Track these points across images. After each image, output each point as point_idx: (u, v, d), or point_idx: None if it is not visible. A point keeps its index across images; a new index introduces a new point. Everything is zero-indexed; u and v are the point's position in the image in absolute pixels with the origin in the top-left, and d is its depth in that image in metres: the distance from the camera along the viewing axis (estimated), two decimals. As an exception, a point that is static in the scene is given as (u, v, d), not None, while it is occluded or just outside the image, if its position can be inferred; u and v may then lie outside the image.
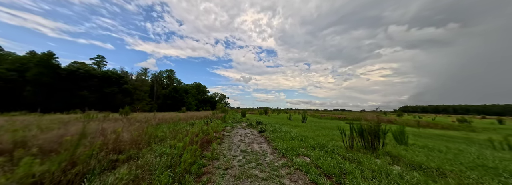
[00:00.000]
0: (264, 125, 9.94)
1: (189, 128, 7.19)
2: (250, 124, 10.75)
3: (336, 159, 3.24)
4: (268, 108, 28.65)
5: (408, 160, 3.11)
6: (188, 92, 61.59)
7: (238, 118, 17.19)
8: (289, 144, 4.54)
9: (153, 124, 8.01)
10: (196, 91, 75.35)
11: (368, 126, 3.83)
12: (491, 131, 10.19)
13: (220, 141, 5.62)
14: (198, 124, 9.32)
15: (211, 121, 9.88)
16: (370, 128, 3.75)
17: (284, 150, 4.10)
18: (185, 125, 8.55)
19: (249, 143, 5.59)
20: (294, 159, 3.41)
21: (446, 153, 3.88)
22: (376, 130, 3.69)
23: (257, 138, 6.45)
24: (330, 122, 13.49)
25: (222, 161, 3.45)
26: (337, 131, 7.67)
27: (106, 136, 3.44)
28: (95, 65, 39.87)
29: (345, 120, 15.51)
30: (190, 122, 9.60)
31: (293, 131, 6.89)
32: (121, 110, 13.45)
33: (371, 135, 3.73)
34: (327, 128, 8.97)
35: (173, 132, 5.77)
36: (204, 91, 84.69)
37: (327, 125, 10.68)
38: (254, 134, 7.51)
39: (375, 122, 3.78)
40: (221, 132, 7.30)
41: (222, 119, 12.34)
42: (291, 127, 8.83)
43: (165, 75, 62.89)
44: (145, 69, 55.92)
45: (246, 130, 8.85)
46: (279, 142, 4.93)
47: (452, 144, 5.42)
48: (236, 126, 10.17)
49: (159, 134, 5.24)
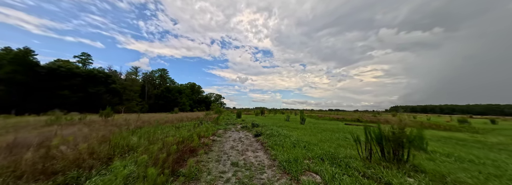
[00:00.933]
0: (260, 127, 9.10)
1: (174, 133, 6.21)
2: (245, 127, 9.88)
3: (355, 178, 2.46)
4: (264, 109, 27.86)
5: (452, 180, 2.36)
6: (182, 92, 59.62)
7: (233, 119, 16.24)
8: (291, 154, 3.72)
9: (132, 128, 6.94)
10: (191, 91, 73.32)
11: (390, 131, 3.08)
12: (492, 132, 9.95)
13: (208, 149, 4.70)
14: (187, 126, 8.33)
15: (202, 124, 8.90)
16: (393, 134, 3.01)
17: (285, 162, 3.27)
18: (171, 128, 7.54)
19: (242, 151, 4.72)
20: (301, 178, 2.59)
21: (482, 165, 3.22)
22: (401, 136, 2.94)
23: (253, 144, 5.59)
24: (329, 123, 12.90)
25: (203, 182, 2.56)
26: (340, 134, 6.97)
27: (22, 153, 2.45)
28: (80, 63, 37.32)
29: (344, 121, 15.02)
30: (177, 125, 8.57)
31: (293, 135, 6.09)
32: (102, 112, 12.12)
33: (394, 143, 2.98)
34: (328, 130, 8.28)
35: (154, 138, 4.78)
36: (199, 91, 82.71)
37: (327, 127, 10.02)
38: (249, 138, 6.65)
39: (399, 126, 3.03)
40: (211, 137, 6.37)
41: (215, 121, 11.37)
42: (290, 130, 8.06)
43: (158, 74, 60.54)
44: (136, 68, 53.45)
45: (241, 133, 7.97)
46: (279, 151, 4.11)
47: (471, 149, 4.84)
48: (229, 129, 9.26)
49: (131, 142, 4.25)
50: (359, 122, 14.13)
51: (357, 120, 14.31)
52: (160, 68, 61.18)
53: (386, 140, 3.11)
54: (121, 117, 12.27)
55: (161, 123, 9.19)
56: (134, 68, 52.98)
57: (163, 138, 4.55)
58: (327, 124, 11.76)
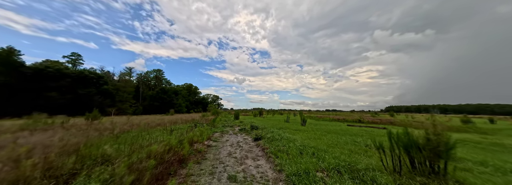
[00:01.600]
0: (260, 130, 8.48)
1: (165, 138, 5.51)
2: (244, 129, 9.23)
3: (390, 200, 1.87)
4: (262, 110, 27.26)
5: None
6: (178, 93, 58.30)
7: (231, 121, 15.55)
8: (300, 164, 3.12)
9: (117, 132, 6.18)
10: (187, 92, 71.99)
11: (423, 137, 2.52)
12: (499, 132, 9.68)
13: (201, 158, 4.04)
14: (181, 130, 7.61)
15: (196, 127, 8.19)
16: (428, 141, 2.45)
17: (295, 176, 2.67)
18: (162, 132, 6.81)
19: (241, 159, 4.08)
20: (319, 200, 1.98)
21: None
22: (439, 143, 2.39)
23: (252, 150, 4.96)
24: (330, 124, 12.40)
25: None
26: (346, 137, 6.43)
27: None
28: (69, 63, 35.76)
29: (345, 122, 14.57)
30: (170, 128, 7.83)
31: (297, 139, 5.50)
32: (88, 115, 11.22)
33: (429, 152, 2.42)
34: (332, 132, 7.74)
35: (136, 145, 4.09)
36: (196, 92, 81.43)
37: (330, 128, 9.50)
38: (248, 142, 6.01)
39: (434, 131, 2.48)
40: (206, 142, 5.69)
41: (211, 123, 10.67)
42: (292, 132, 7.47)
43: (153, 75, 59.06)
44: (130, 68, 51.93)
45: (239, 136, 7.32)
46: (284, 159, 3.50)
47: (500, 155, 4.37)
48: (227, 132, 8.59)
49: (107, 151, 3.54)
50: (360, 122, 13.73)
51: (358, 121, 13.93)
52: (155, 69, 59.76)
53: (417, 148, 2.55)
54: (110, 120, 11.39)
55: (152, 126, 8.43)
56: (128, 69, 51.47)
57: (149, 145, 3.86)
58: (329, 126, 11.25)
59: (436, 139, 2.42)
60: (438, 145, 2.39)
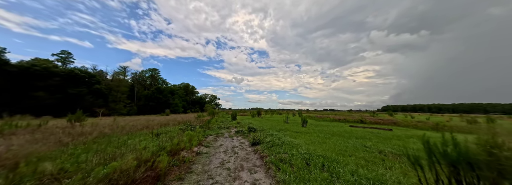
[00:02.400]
0: (258, 132, 7.79)
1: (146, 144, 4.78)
2: (241, 131, 8.52)
3: None
4: (261, 110, 26.57)
5: None
6: (174, 93, 57.05)
7: (227, 122, 14.80)
8: (310, 183, 2.43)
9: (93, 137, 5.38)
10: (184, 92, 70.71)
11: (478, 148, 1.86)
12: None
13: (186, 170, 3.32)
14: (171, 133, 6.85)
15: (188, 129, 7.43)
16: (490, 154, 1.79)
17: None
18: (147, 137, 6.04)
19: (235, 170, 3.38)
20: None
21: None
22: (498, 157, 1.73)
23: (249, 158, 4.26)
24: (332, 125, 11.82)
25: None
26: (353, 140, 5.80)
27: None
28: (59, 62, 34.24)
29: (346, 122, 14.01)
30: (158, 131, 7.05)
31: (299, 144, 4.84)
32: (70, 116, 10.28)
33: (491, 172, 1.77)
34: (336, 135, 7.11)
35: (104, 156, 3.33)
36: (193, 92, 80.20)
37: (333, 130, 8.88)
38: (245, 148, 5.32)
39: (494, 140, 1.82)
40: (195, 148, 4.97)
41: (205, 125, 9.92)
42: (293, 135, 6.81)
43: (148, 74, 57.59)
44: (124, 67, 50.39)
45: (235, 140, 6.62)
46: (288, 174, 2.81)
47: None
48: (222, 134, 7.87)
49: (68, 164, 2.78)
50: (362, 123, 13.21)
51: (360, 122, 13.40)
52: (150, 68, 58.30)
53: (468, 165, 1.89)
54: (96, 122, 10.50)
55: (139, 128, 7.62)
56: (122, 68, 49.93)
57: (119, 156, 3.11)
58: (331, 127, 10.65)
59: (499, 152, 1.76)
60: (496, 160, 1.73)
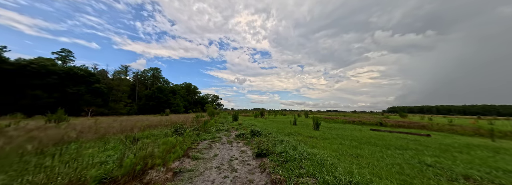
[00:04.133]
0: (263, 136, 6.29)
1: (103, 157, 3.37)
2: (242, 135, 7.05)
3: None
4: (263, 110, 25.06)
5: None
6: (176, 92, 56.17)
7: (228, 123, 13.36)
8: None
9: (56, 143, 4.01)
10: (186, 92, 69.97)
11: None
12: None
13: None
14: (156, 137, 5.44)
15: (178, 132, 6.01)
16: None
17: None
18: (116, 145, 4.65)
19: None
20: None
21: None
22: None
23: (254, 179, 2.77)
24: (348, 128, 10.19)
25: None
26: (395, 152, 4.23)
27: None
28: (59, 60, 33.76)
29: (362, 124, 12.25)
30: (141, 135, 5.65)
31: (326, 158, 3.32)
32: (50, 116, 9.07)
33: None
34: (365, 142, 5.52)
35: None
36: (195, 91, 79.43)
37: (355, 135, 7.28)
38: (247, 161, 3.83)
39: None
40: (175, 163, 3.51)
41: (202, 127, 8.50)
42: (309, 142, 5.28)
43: (150, 74, 57.02)
44: (126, 66, 49.90)
45: (234, 148, 5.13)
46: None
47: None
48: (219, 139, 6.42)
49: None
50: (382, 126, 11.48)
51: (379, 124, 11.61)
52: (152, 67, 57.71)
53: None
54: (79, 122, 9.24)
55: (117, 131, 6.24)
56: (123, 67, 49.44)
57: None
58: (349, 131, 9.03)
59: None
60: None
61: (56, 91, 27.62)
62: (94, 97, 32.50)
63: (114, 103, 38.68)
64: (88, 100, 30.92)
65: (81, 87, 30.69)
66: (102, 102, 34.21)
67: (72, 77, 30.26)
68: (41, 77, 26.13)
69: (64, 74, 29.28)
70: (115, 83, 41.27)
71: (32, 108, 23.45)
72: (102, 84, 35.34)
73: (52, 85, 27.16)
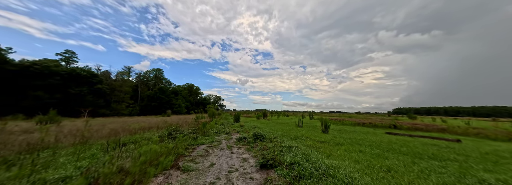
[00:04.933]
0: (267, 141, 5.55)
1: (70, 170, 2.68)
2: (244, 139, 6.32)
3: None
4: (266, 111, 24.28)
5: None
6: (178, 93, 56.03)
7: (229, 124, 12.66)
8: None
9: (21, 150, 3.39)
10: (188, 93, 69.90)
11: None
12: None
13: None
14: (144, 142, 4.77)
15: (171, 136, 5.33)
16: None
17: None
18: (94, 152, 4.00)
19: None
20: None
21: None
22: None
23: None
24: (359, 131, 9.32)
25: None
26: (429, 163, 3.42)
27: None
28: (63, 61, 34.00)
29: (374, 127, 11.30)
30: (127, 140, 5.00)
31: (350, 174, 2.55)
32: (42, 117, 8.58)
33: None
34: (386, 149, 4.71)
35: None
36: (197, 92, 79.34)
37: (371, 139, 6.45)
38: (250, 174, 3.09)
39: None
40: (159, 178, 2.80)
41: (200, 129, 7.82)
42: (321, 148, 4.51)
43: (152, 75, 57.15)
44: (129, 67, 50.14)
45: (234, 156, 4.41)
46: None
47: None
48: (218, 143, 5.71)
49: None
50: (396, 129, 10.52)
51: (393, 127, 10.64)
52: (154, 68, 57.90)
53: None
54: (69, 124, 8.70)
55: (107, 134, 5.61)
56: (126, 68, 49.68)
57: None
58: (362, 134, 8.18)
59: None
60: None
61: (58, 92, 27.62)
62: (96, 98, 32.46)
63: (116, 104, 38.64)
64: (90, 101, 30.86)
65: (83, 88, 30.68)
66: (104, 103, 34.16)
67: (74, 78, 30.30)
68: (43, 78, 26.17)
69: (67, 75, 29.32)
70: (117, 84, 41.35)
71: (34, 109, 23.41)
72: (105, 85, 35.35)
73: (54, 86, 27.18)
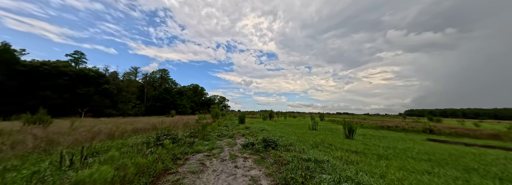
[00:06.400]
0: (282, 149, 4.26)
1: None
2: (251, 145, 5.07)
3: None
4: (272, 112, 22.87)
5: None
6: (183, 94, 56.00)
7: (233, 126, 11.46)
8: None
9: None
10: (193, 93, 69.94)
11: None
12: None
13: None
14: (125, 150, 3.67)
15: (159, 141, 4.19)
16: None
17: None
18: (47, 166, 2.88)
19: None
20: None
21: None
22: None
23: None
24: (388, 136, 7.77)
25: None
26: None
27: None
28: (72, 62, 34.71)
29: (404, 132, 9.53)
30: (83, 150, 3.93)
31: None
32: (27, 117, 7.84)
33: None
34: (461, 166, 3.26)
35: None
36: (202, 93, 79.36)
37: (416, 148, 4.96)
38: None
39: None
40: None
41: (200, 133, 6.67)
42: (364, 165, 3.15)
43: (158, 75, 57.65)
44: (135, 68, 50.82)
45: (239, 172, 3.13)
46: None
47: None
48: (219, 152, 4.50)
49: None
50: (433, 134, 8.76)
51: (429, 131, 8.85)
52: (160, 69, 58.40)
53: None
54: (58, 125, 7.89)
55: (84, 139, 4.57)
56: (133, 69, 50.37)
57: None
58: (394, 140, 6.64)
59: None
60: None
61: (66, 92, 27.95)
62: (103, 98, 32.67)
63: (123, 104, 38.89)
64: (97, 101, 31.05)
65: (90, 88, 30.96)
66: (111, 103, 34.35)
67: (82, 78, 30.67)
68: (52, 78, 26.55)
69: (75, 75, 29.71)
70: (124, 84, 41.76)
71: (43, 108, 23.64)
72: (112, 85, 35.64)
73: (63, 86, 27.52)
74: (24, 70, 24.51)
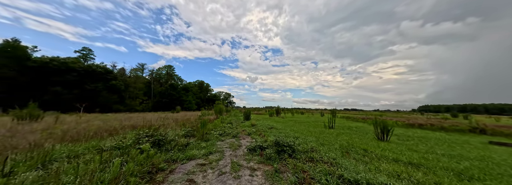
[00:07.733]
0: (301, 156, 3.04)
1: None
2: (259, 148, 3.92)
3: None
4: (279, 108, 21.58)
5: None
6: (188, 90, 56.07)
7: (238, 123, 10.44)
8: None
9: None
10: (199, 89, 70.14)
11: None
12: None
13: None
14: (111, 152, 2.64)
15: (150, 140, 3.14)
16: None
17: None
18: None
19: None
20: None
21: None
22: None
23: None
24: (430, 137, 6.29)
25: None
26: None
27: None
28: (81, 58, 35.22)
29: (444, 131, 7.82)
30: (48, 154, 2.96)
31: None
32: (17, 112, 7.24)
33: None
34: None
35: None
36: (208, 89, 79.48)
37: (482, 155, 3.59)
38: None
39: None
40: None
41: (198, 132, 5.65)
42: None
43: (164, 72, 57.87)
44: (142, 64, 51.16)
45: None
46: None
47: None
48: (219, 158, 3.39)
49: None
50: (483, 133, 7.04)
51: (479, 131, 7.12)
52: (166, 65, 58.47)
53: None
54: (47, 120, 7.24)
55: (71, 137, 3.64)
56: (140, 65, 50.75)
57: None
58: (442, 142, 5.19)
59: None
60: None
61: (75, 88, 28.44)
62: (111, 94, 33.12)
63: (130, 100, 39.49)
64: (105, 97, 31.51)
65: (98, 84, 31.34)
66: (118, 99, 34.85)
67: (90, 74, 31.01)
68: (61, 74, 26.96)
69: (83, 71, 30.06)
70: (131, 80, 42.21)
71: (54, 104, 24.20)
72: (119, 81, 36.00)
73: (72, 82, 27.96)
74: (35, 66, 24.98)
